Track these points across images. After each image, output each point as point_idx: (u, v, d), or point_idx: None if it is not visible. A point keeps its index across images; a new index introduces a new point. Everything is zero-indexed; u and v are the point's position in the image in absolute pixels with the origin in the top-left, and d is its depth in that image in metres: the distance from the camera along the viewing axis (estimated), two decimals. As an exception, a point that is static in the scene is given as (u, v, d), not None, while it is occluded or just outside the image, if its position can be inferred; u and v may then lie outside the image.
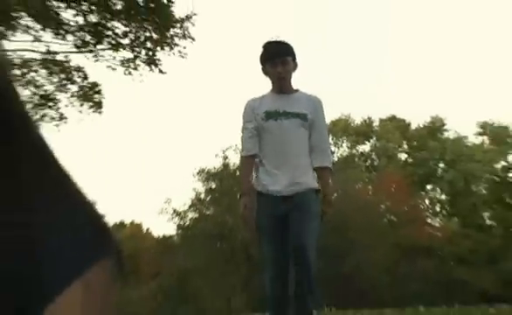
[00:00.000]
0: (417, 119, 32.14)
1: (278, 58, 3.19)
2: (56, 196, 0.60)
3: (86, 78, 11.27)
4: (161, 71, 10.98)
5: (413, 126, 29.53)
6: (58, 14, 10.30)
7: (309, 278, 2.98)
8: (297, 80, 3.36)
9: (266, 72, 3.23)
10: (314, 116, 3.16)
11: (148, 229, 28.11)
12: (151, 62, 10.81)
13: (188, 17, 10.66)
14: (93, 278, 0.59)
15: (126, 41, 10.81)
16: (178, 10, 10.73)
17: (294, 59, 3.23)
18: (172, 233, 25.59)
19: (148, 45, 10.77)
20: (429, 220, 27.71)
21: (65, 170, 0.62)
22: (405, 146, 29.21)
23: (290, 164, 3.10)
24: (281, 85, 3.19)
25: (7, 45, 10.42)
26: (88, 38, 10.74)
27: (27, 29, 10.25)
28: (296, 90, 3.24)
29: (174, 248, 24.96)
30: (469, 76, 48.81)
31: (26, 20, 10.12)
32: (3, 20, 9.43)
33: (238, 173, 3.85)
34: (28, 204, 0.57)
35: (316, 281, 3.06)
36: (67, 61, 11.09)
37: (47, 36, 10.61)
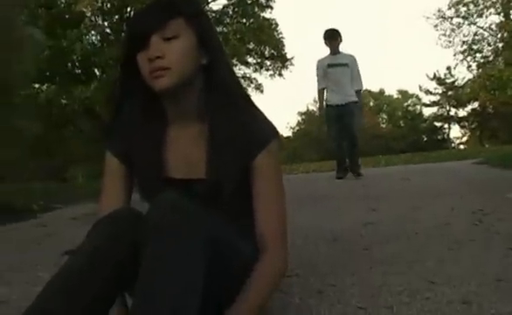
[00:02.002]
0: (376, 88, 45.62)
1: (331, 37, 4.97)
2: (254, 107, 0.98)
3: (257, 81, 20.16)
4: (283, 77, 19.75)
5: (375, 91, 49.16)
6: (248, 61, 19.92)
7: (356, 147, 5.07)
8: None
9: (326, 44, 5.03)
10: (352, 64, 4.99)
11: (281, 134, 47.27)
12: (280, 74, 20.34)
13: (292, 57, 19.52)
14: (273, 147, 0.85)
15: (270, 67, 20.35)
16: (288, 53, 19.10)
17: (339, 36, 4.99)
18: (290, 135, 42.47)
19: (278, 68, 20.38)
20: (381, 126, 41.27)
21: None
22: (372, 99, 43.53)
23: (341, 89, 4.89)
24: (334, 50, 4.98)
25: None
26: (257, 67, 20.34)
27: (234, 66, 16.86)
28: (340, 52, 5.04)
29: (292, 140, 40.85)
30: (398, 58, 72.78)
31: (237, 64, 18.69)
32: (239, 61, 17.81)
33: (317, 99, 5.77)
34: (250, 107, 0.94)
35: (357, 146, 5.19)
36: (250, 76, 20.02)
37: (243, 67, 19.65)
